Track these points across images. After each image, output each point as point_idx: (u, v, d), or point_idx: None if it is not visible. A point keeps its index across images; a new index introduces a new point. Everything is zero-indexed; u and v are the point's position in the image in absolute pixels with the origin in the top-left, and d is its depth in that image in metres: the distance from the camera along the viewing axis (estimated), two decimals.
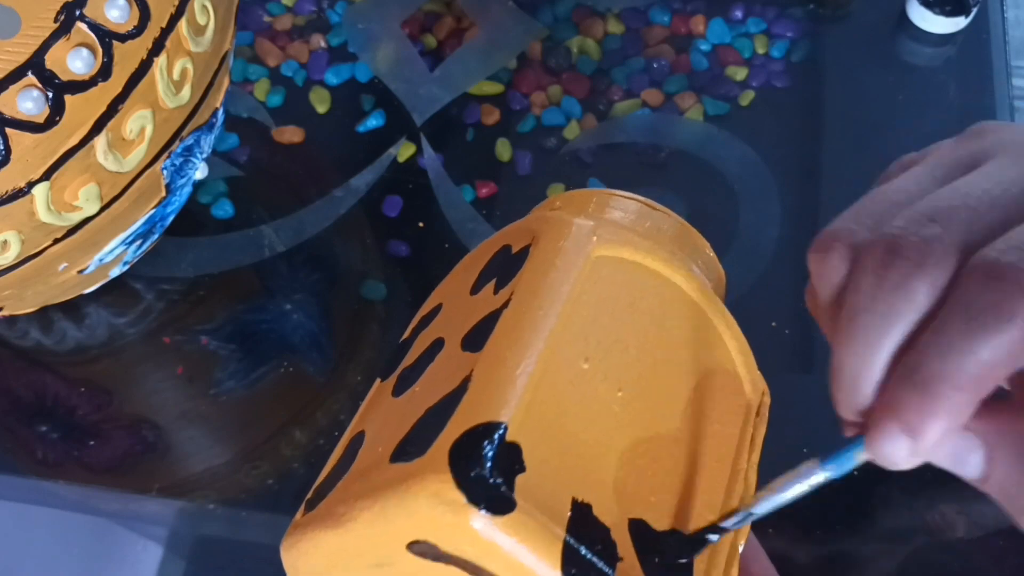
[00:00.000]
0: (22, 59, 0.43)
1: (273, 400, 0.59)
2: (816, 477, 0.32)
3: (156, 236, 0.58)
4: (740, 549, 0.36)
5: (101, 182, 0.47)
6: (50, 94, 0.43)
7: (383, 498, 0.31)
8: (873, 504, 0.55)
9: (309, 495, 0.37)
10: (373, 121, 0.68)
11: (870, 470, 0.56)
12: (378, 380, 0.42)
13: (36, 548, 0.71)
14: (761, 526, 0.39)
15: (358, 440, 0.38)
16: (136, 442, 0.58)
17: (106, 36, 0.44)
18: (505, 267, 0.39)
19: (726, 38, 0.70)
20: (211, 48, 0.51)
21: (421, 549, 0.32)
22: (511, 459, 0.31)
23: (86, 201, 0.47)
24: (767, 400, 0.40)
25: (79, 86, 0.44)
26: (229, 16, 0.53)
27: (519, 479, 0.30)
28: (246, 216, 0.65)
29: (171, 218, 0.57)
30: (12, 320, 0.62)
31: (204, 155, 0.55)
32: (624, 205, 0.42)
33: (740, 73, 0.69)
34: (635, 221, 0.42)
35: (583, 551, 0.31)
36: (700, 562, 0.34)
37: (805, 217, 0.64)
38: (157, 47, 0.47)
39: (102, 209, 0.48)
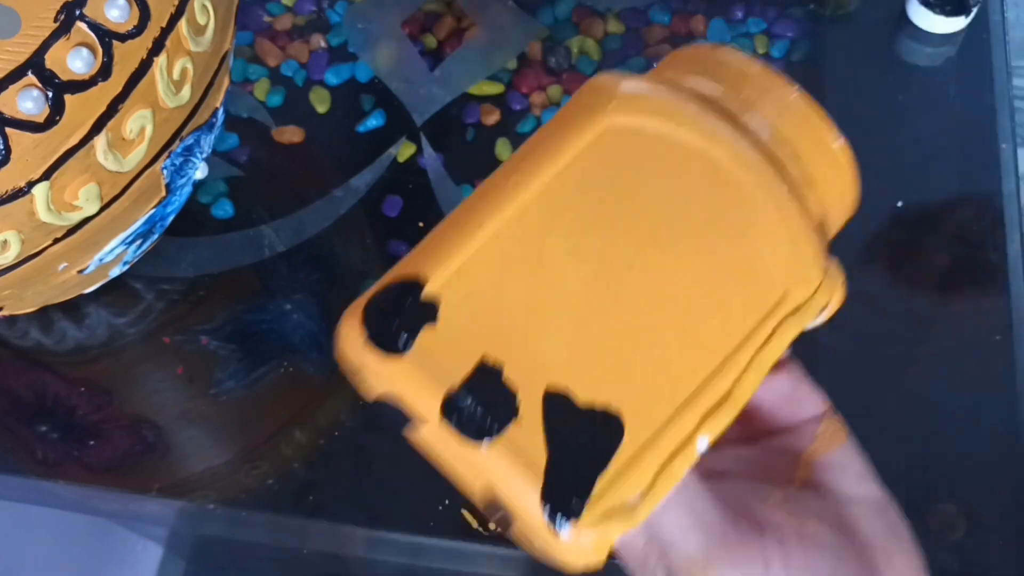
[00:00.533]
0: (22, 59, 0.43)
1: (273, 400, 0.59)
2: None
3: (156, 236, 0.58)
4: (701, 445, 0.35)
5: (101, 182, 0.47)
6: (50, 94, 0.43)
7: (337, 329, 0.36)
8: None
9: None
10: (373, 121, 0.68)
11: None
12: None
13: (36, 548, 0.71)
14: None
15: None
16: (136, 442, 0.58)
17: (106, 36, 0.44)
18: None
19: (726, 38, 0.70)
20: (211, 48, 0.51)
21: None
22: (421, 312, 0.34)
23: (86, 201, 0.47)
24: (820, 298, 0.38)
25: (79, 86, 0.44)
26: (229, 16, 0.53)
27: (426, 331, 0.34)
28: (246, 216, 0.65)
29: (171, 218, 0.57)
30: (12, 320, 0.62)
31: (204, 155, 0.55)
32: (726, 67, 0.40)
33: None
34: (714, 86, 0.39)
35: (468, 402, 0.33)
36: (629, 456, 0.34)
37: None
38: (157, 47, 0.47)
39: (102, 209, 0.48)
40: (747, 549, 0.35)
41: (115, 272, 0.58)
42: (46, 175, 0.44)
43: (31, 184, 0.44)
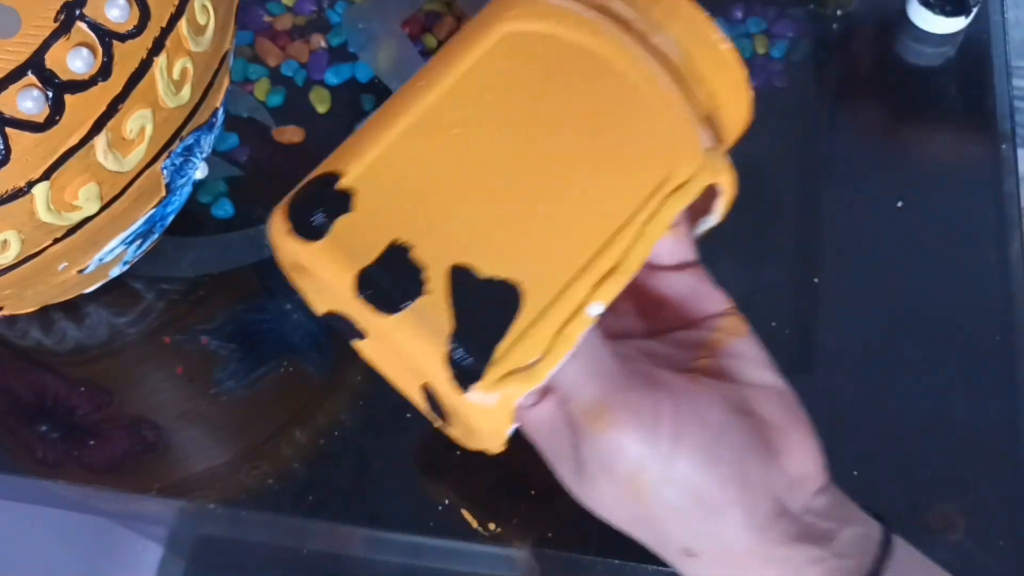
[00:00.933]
0: (22, 59, 0.43)
1: (273, 400, 0.59)
2: None
3: (156, 236, 0.58)
4: (592, 311, 0.39)
5: (101, 182, 0.47)
6: (50, 94, 0.43)
7: (268, 224, 0.41)
8: (873, 504, 0.55)
9: None
10: None
11: (872, 471, 0.56)
12: None
13: (36, 548, 0.71)
14: None
15: None
16: (136, 442, 0.58)
17: (106, 36, 0.44)
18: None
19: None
20: (211, 48, 0.51)
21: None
22: (337, 202, 0.39)
23: (86, 201, 0.47)
24: (704, 176, 0.42)
25: (79, 86, 0.44)
26: (229, 16, 0.53)
27: (342, 219, 0.39)
28: (246, 216, 0.65)
29: (171, 218, 0.57)
30: (12, 320, 0.62)
31: (204, 155, 0.55)
32: None
33: None
34: (618, 5, 0.43)
35: (379, 278, 0.37)
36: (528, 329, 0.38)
37: (805, 217, 0.63)
38: (157, 47, 0.47)
39: (102, 209, 0.48)
40: (641, 397, 0.38)
41: (115, 272, 0.58)
42: (46, 175, 0.44)
43: (31, 184, 0.44)
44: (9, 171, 0.43)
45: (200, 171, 0.56)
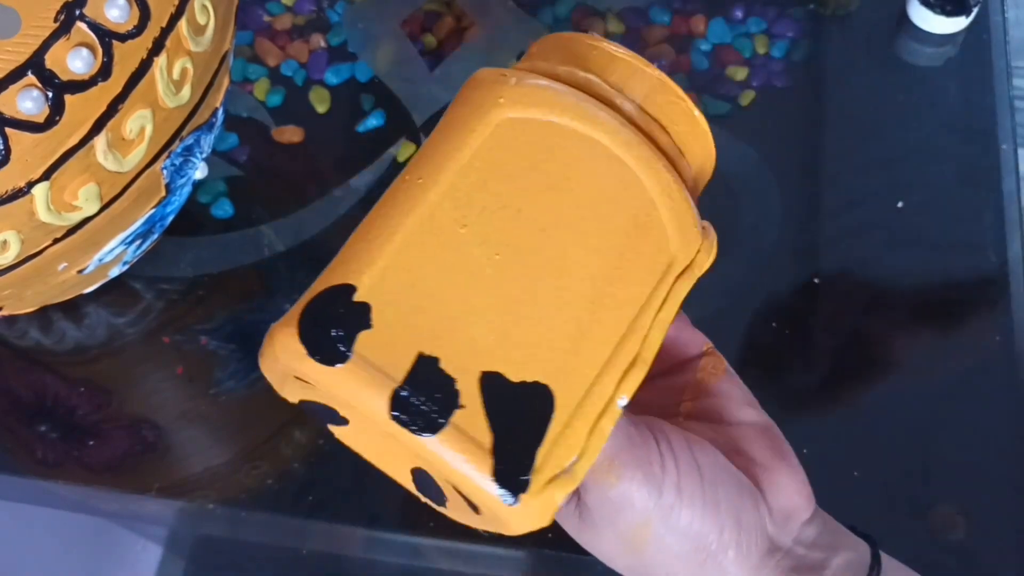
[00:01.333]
0: (22, 59, 0.43)
1: (273, 400, 0.58)
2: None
3: (156, 236, 0.58)
4: (621, 404, 0.38)
5: (101, 182, 0.47)
6: (50, 94, 0.43)
7: (265, 345, 0.37)
8: (874, 505, 0.55)
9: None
10: (373, 121, 0.68)
11: (872, 472, 0.55)
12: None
13: (36, 548, 0.71)
14: None
15: None
16: (136, 442, 0.58)
17: (106, 36, 0.44)
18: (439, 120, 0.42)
19: (726, 38, 0.70)
20: (211, 48, 0.51)
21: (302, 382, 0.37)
22: (355, 317, 0.36)
23: (86, 201, 0.47)
24: (702, 258, 0.41)
25: (79, 86, 0.44)
26: (229, 16, 0.53)
27: (363, 335, 0.35)
28: (246, 216, 0.65)
29: (171, 218, 0.57)
30: (12, 320, 0.62)
31: (204, 155, 0.55)
32: (593, 55, 0.43)
33: (740, 73, 0.69)
34: (587, 76, 0.42)
35: (411, 397, 0.35)
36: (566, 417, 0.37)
37: (806, 217, 0.63)
38: (157, 47, 0.46)
39: (102, 209, 0.48)
40: (648, 451, 0.39)
41: (115, 272, 0.58)
42: (46, 175, 0.44)
43: (31, 184, 0.44)
44: (9, 171, 0.43)
45: (200, 171, 0.56)
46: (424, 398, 0.35)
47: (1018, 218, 0.62)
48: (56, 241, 0.48)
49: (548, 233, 0.38)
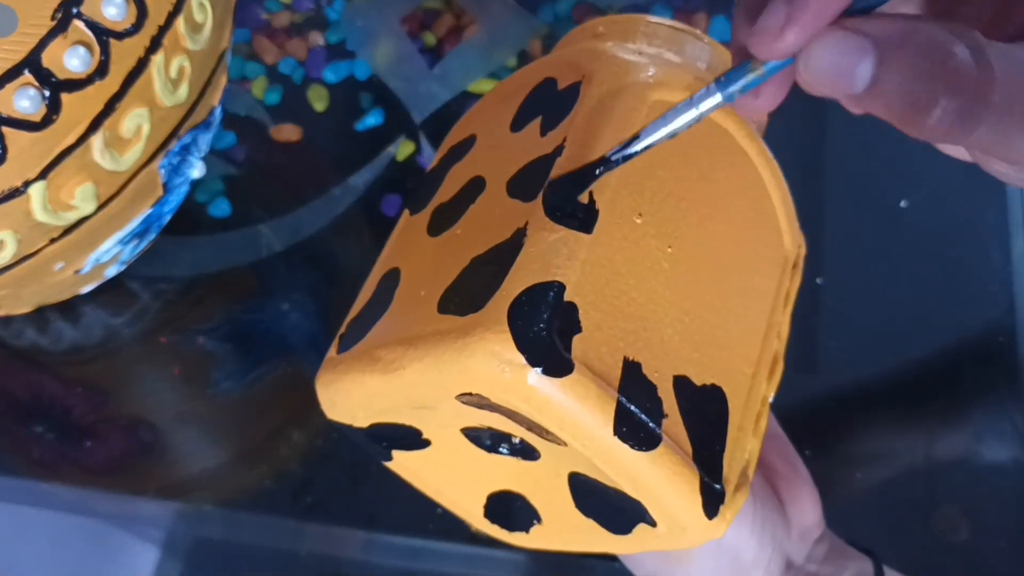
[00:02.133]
0: (19, 57, 0.42)
1: (270, 401, 0.59)
2: (708, 101, 0.30)
3: (153, 235, 0.57)
4: (770, 400, 0.37)
5: (98, 181, 0.46)
6: (47, 92, 0.43)
7: (437, 352, 0.31)
8: (877, 506, 0.54)
9: (342, 330, 0.37)
10: (372, 119, 0.68)
11: (875, 473, 0.55)
12: (406, 212, 0.42)
13: (32, 550, 0.70)
14: None
15: (392, 276, 0.38)
16: (132, 443, 0.58)
17: (103, 34, 0.44)
18: (552, 105, 0.37)
19: (729, 35, 0.70)
20: (208, 46, 0.50)
21: (471, 400, 0.32)
22: (569, 319, 0.31)
23: (82, 200, 0.46)
24: (803, 252, 0.40)
25: (76, 84, 0.44)
26: (227, 13, 0.53)
27: (575, 339, 0.31)
28: (243, 215, 0.65)
29: (168, 217, 0.57)
30: (8, 320, 0.62)
31: (201, 154, 0.55)
32: (671, 36, 0.40)
33: None
34: (683, 57, 0.40)
35: (634, 410, 0.31)
36: (734, 415, 0.35)
37: (808, 216, 0.63)
38: (154, 45, 0.46)
39: (99, 208, 0.48)
40: None
41: (111, 272, 0.58)
42: (42, 174, 0.44)
43: (27, 183, 0.44)
44: (5, 171, 0.43)
45: (197, 170, 0.55)
46: (640, 409, 0.32)
47: (1021, 217, 0.62)
48: (53, 241, 0.47)
49: (703, 222, 0.36)
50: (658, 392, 0.32)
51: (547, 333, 0.30)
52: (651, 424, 0.32)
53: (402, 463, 0.42)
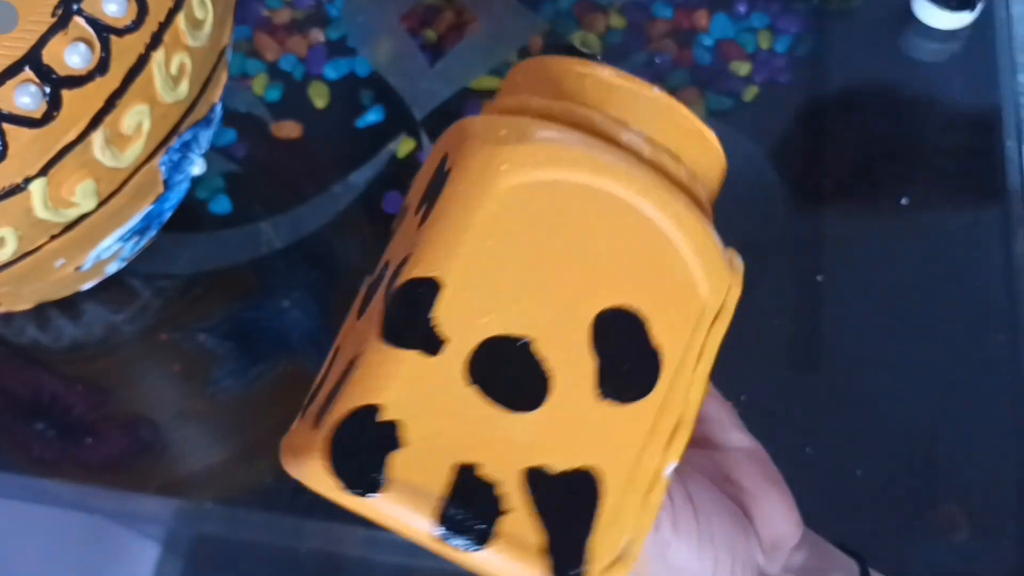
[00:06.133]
0: (19, 54, 0.42)
1: (271, 398, 0.59)
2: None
3: (153, 232, 0.57)
4: (667, 472, 0.36)
5: (98, 178, 0.46)
6: (47, 89, 0.43)
7: (294, 463, 0.34)
8: (877, 504, 0.54)
9: (306, 398, 0.38)
10: (372, 116, 0.68)
11: (875, 470, 0.55)
12: (367, 277, 0.42)
13: (32, 547, 0.70)
14: None
15: (334, 355, 0.39)
16: (133, 440, 0.58)
17: (104, 31, 0.44)
18: (434, 188, 0.38)
19: (729, 33, 0.70)
20: (209, 43, 0.50)
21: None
22: (384, 439, 0.33)
23: (83, 197, 0.46)
24: (733, 298, 0.39)
25: (76, 81, 0.44)
26: (227, 10, 0.53)
27: (393, 456, 0.33)
28: (244, 212, 0.65)
29: (168, 214, 0.57)
30: (9, 317, 0.62)
31: (202, 151, 0.55)
32: (586, 85, 0.40)
33: (744, 68, 0.68)
34: (586, 112, 0.39)
35: (457, 513, 0.33)
36: (618, 489, 0.35)
37: (809, 213, 0.63)
38: (155, 42, 0.46)
39: (99, 205, 0.48)
40: None
41: (112, 269, 0.58)
42: (43, 171, 0.44)
43: (28, 180, 0.44)
44: (6, 167, 0.43)
45: (198, 167, 0.55)
46: (469, 513, 0.33)
47: (1022, 215, 0.62)
48: (53, 238, 0.47)
49: (575, 305, 0.36)
50: (498, 489, 0.34)
51: (360, 458, 0.33)
52: (479, 523, 0.33)
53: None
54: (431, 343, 0.34)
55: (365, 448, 0.33)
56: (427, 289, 0.35)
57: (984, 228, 0.62)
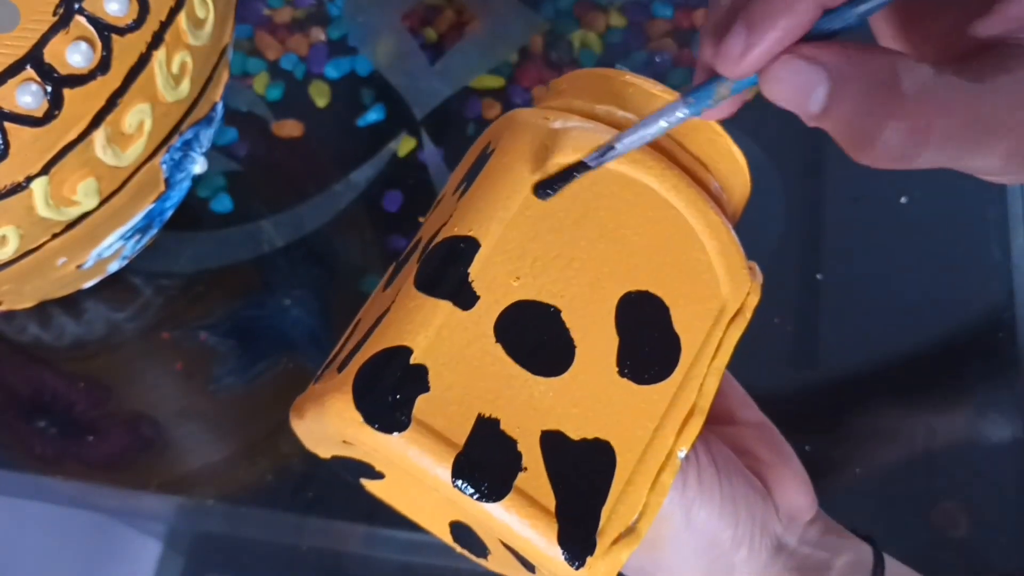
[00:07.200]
0: (21, 53, 0.42)
1: (272, 396, 0.59)
2: (677, 112, 0.33)
3: (155, 231, 0.57)
4: (681, 455, 0.37)
5: (100, 176, 0.47)
6: (49, 88, 0.43)
7: (313, 409, 0.35)
8: (876, 502, 0.55)
9: (319, 371, 0.39)
10: (373, 115, 0.68)
11: (875, 468, 0.55)
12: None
13: (34, 544, 0.70)
14: None
15: (355, 326, 0.40)
16: (134, 438, 0.58)
17: (105, 29, 0.44)
18: (475, 168, 0.40)
19: None
20: (210, 41, 0.50)
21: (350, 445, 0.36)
22: (413, 381, 0.34)
23: (85, 196, 0.46)
24: (752, 300, 0.40)
25: (78, 80, 0.44)
26: (228, 9, 0.53)
27: (421, 399, 0.34)
28: (245, 211, 0.65)
29: (170, 213, 0.57)
30: (11, 315, 0.62)
31: (203, 149, 0.55)
32: (629, 93, 0.41)
33: None
34: (626, 115, 0.41)
35: (474, 462, 0.34)
36: (628, 465, 0.36)
37: (809, 213, 0.63)
38: (156, 40, 0.46)
39: (101, 204, 0.48)
40: None
41: (114, 267, 0.58)
42: (45, 170, 0.44)
43: (30, 179, 0.44)
44: (7, 166, 0.43)
45: (199, 166, 0.55)
46: (489, 463, 0.34)
47: (1021, 213, 0.62)
48: (55, 236, 0.47)
49: (602, 283, 0.37)
50: (517, 447, 0.35)
51: (384, 394, 0.34)
52: (497, 477, 0.34)
53: (371, 488, 0.45)
54: (464, 297, 0.35)
55: (394, 387, 0.34)
56: (467, 245, 0.36)
57: (982, 226, 0.62)
